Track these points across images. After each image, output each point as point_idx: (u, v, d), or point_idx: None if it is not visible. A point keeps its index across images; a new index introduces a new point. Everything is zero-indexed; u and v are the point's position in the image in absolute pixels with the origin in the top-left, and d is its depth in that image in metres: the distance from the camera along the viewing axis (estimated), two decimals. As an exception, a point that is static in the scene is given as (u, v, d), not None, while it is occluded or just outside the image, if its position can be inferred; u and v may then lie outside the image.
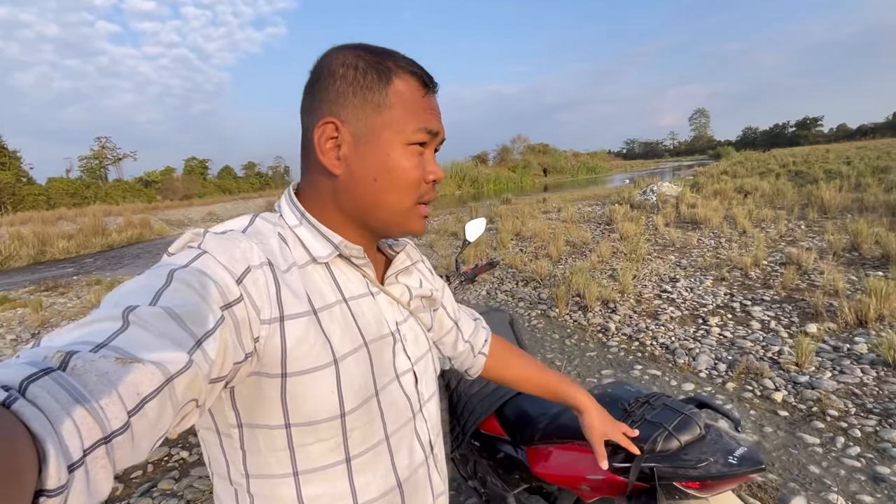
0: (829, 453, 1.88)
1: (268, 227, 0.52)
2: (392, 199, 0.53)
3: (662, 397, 0.95)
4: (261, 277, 0.46)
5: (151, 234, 15.42)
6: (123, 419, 0.30)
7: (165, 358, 0.34)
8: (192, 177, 50.77)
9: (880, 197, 7.32)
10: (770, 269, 4.40)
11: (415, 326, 0.62)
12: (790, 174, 13.25)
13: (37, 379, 0.27)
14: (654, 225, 7.37)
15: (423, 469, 0.60)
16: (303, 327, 0.48)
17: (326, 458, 0.51)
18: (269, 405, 0.48)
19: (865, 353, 2.62)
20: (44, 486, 0.24)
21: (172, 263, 0.43)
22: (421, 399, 0.61)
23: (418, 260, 0.67)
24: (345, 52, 0.53)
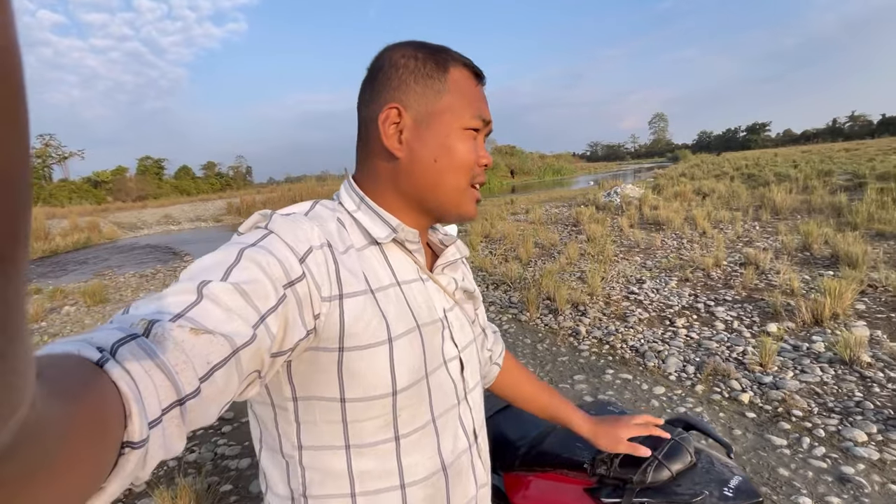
0: (797, 454, 1.91)
1: (327, 212, 0.55)
2: (450, 179, 0.56)
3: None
4: (321, 257, 0.48)
5: (100, 237, 14.50)
6: (195, 385, 0.34)
7: (233, 330, 0.38)
8: (147, 177, 48.29)
9: (826, 199, 7.76)
10: (730, 270, 4.54)
11: (461, 316, 0.64)
12: (743, 177, 13.91)
13: (125, 343, 0.31)
14: (619, 226, 7.52)
15: (467, 456, 0.61)
16: (360, 305, 0.50)
17: (377, 435, 0.53)
18: (326, 379, 0.50)
19: (823, 351, 2.71)
20: (130, 439, 0.27)
21: (242, 242, 0.46)
22: (466, 387, 0.62)
23: (465, 255, 0.70)
24: (403, 46, 0.57)
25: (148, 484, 2.01)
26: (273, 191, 28.37)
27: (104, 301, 5.86)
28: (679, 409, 2.32)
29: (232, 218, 20.14)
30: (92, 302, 5.71)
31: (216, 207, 23.82)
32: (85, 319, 5.10)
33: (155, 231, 17.18)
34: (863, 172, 10.76)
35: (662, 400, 2.42)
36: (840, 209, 6.89)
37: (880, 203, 6.71)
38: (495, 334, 0.85)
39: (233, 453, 2.26)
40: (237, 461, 2.19)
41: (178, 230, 17.17)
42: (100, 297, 5.85)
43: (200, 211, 22.82)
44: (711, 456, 0.80)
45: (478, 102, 0.58)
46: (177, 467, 2.09)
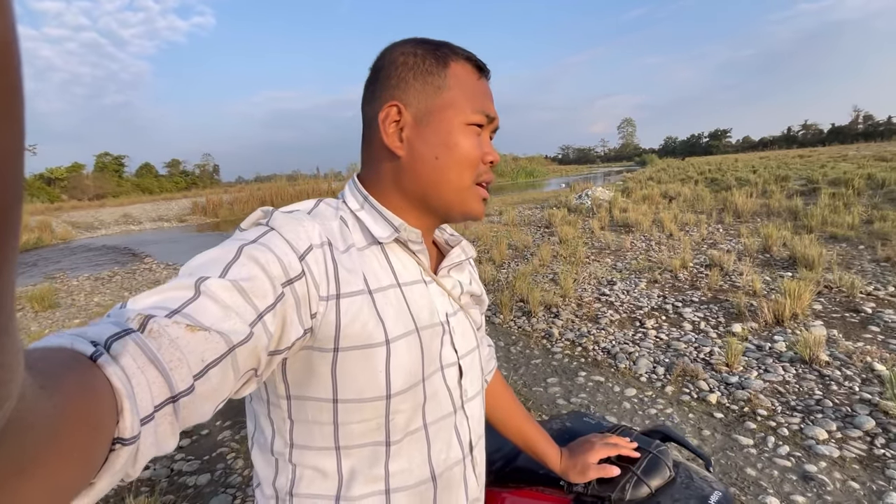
0: (763, 454, 1.94)
1: (330, 210, 0.55)
2: (453, 176, 0.55)
3: (625, 430, 0.86)
4: (320, 255, 0.48)
5: (53, 238, 13.69)
6: (189, 382, 0.33)
7: (229, 328, 0.37)
8: (105, 174, 46.02)
9: (783, 203, 8.12)
10: (696, 271, 4.67)
11: (464, 321, 0.62)
12: (707, 181, 14.43)
13: (119, 338, 0.31)
14: (590, 228, 7.64)
15: (460, 468, 0.59)
16: (357, 305, 0.50)
17: (366, 438, 0.52)
18: (319, 378, 0.49)
19: (785, 351, 2.80)
20: (121, 435, 0.27)
21: (243, 238, 0.46)
22: (464, 395, 0.60)
23: (472, 256, 0.68)
24: (404, 44, 0.56)
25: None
26: (241, 190, 27.53)
27: (54, 306, 5.50)
28: (650, 410, 2.34)
29: (197, 218, 19.41)
30: (40, 307, 5.35)
31: (181, 207, 22.89)
32: (31, 326, 4.76)
33: (113, 231, 16.35)
34: (816, 178, 11.33)
35: (634, 402, 2.43)
36: (796, 213, 7.21)
37: (833, 207, 7.07)
38: (490, 348, 0.82)
39: (191, 469, 2.13)
40: (195, 477, 2.06)
41: (138, 230, 16.40)
42: (49, 301, 5.49)
43: (163, 210, 21.88)
44: (690, 470, 0.78)
45: (481, 97, 0.56)
46: (127, 486, 1.94)
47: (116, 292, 6.23)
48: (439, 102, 0.54)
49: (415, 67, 0.54)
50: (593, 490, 0.76)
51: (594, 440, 0.81)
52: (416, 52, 0.55)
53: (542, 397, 2.58)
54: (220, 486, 2.02)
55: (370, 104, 0.57)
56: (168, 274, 7.34)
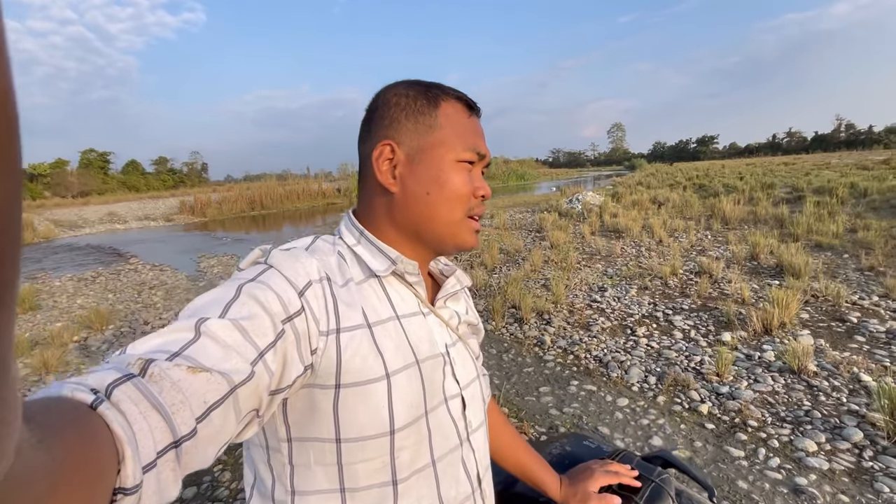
0: (754, 466, 1.95)
1: (327, 246, 0.56)
2: (444, 211, 0.57)
3: (626, 456, 0.85)
4: (319, 291, 0.49)
5: (34, 236, 13.38)
6: (192, 425, 0.33)
7: (230, 368, 0.37)
8: (90, 171, 45.15)
9: (770, 210, 8.25)
10: (686, 278, 4.71)
11: (463, 351, 0.63)
12: (695, 187, 14.62)
13: (120, 384, 0.30)
14: (581, 233, 7.68)
15: (470, 503, 0.58)
16: (357, 340, 0.50)
17: (373, 478, 0.51)
18: (321, 417, 0.49)
19: (773, 360, 2.83)
20: (123, 485, 0.27)
21: (242, 278, 0.47)
22: (469, 427, 0.60)
23: (467, 285, 0.68)
24: (397, 86, 0.59)
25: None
26: (230, 189, 27.18)
27: (35, 308, 5.36)
28: (642, 420, 2.34)
29: (185, 217, 19.13)
30: (21, 309, 5.20)
31: (168, 206, 22.53)
32: (11, 329, 4.63)
33: (98, 230, 16.03)
34: (801, 186, 11.55)
35: (626, 412, 2.43)
36: (783, 220, 7.33)
37: (818, 216, 7.20)
38: (485, 377, 0.81)
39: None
40: (182, 490, 2.01)
41: (124, 229, 16.11)
42: (30, 303, 5.35)
43: (150, 209, 21.51)
44: (693, 500, 0.77)
45: (472, 136, 0.58)
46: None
47: (100, 294, 6.10)
48: (431, 141, 0.56)
49: (406, 108, 0.57)
50: (595, 520, 0.74)
51: (594, 467, 0.80)
52: (408, 93, 0.57)
53: (534, 407, 2.57)
54: (206, 500, 1.97)
55: (365, 143, 0.59)
56: (154, 275, 7.21)
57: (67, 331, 4.28)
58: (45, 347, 3.88)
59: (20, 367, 3.54)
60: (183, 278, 6.86)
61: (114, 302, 5.62)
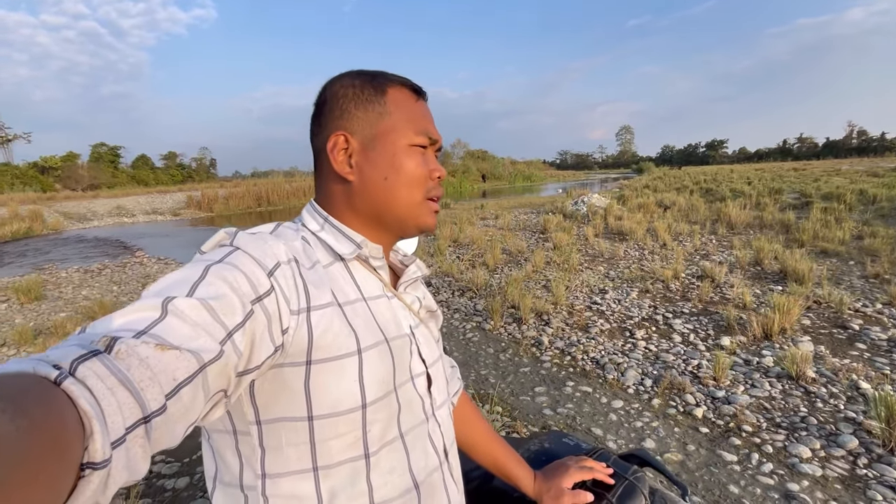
0: (746, 471, 1.94)
1: (291, 232, 0.56)
2: (403, 194, 0.58)
3: (603, 453, 0.85)
4: (288, 271, 0.49)
5: (44, 228, 13.54)
6: (161, 401, 0.33)
7: (199, 346, 0.37)
8: (101, 165, 45.58)
9: (776, 216, 8.17)
10: (688, 282, 4.68)
11: (426, 333, 0.65)
12: (702, 191, 14.52)
13: (85, 360, 0.30)
14: (584, 235, 7.65)
15: (438, 474, 0.60)
16: (328, 317, 0.50)
17: (345, 454, 0.51)
18: (292, 396, 0.49)
19: (772, 366, 2.81)
20: (92, 459, 0.26)
21: (207, 259, 0.46)
22: (434, 403, 0.62)
23: (425, 274, 0.70)
24: (342, 77, 0.60)
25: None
26: (237, 185, 27.33)
27: (40, 298, 5.44)
28: (636, 423, 2.33)
29: (191, 212, 19.28)
30: (26, 299, 5.28)
31: (175, 200, 22.71)
32: (16, 318, 4.70)
33: (106, 223, 16.19)
34: (809, 192, 11.43)
35: (620, 414, 2.43)
36: (789, 226, 7.27)
37: (824, 222, 7.13)
38: (453, 369, 0.82)
39: (170, 471, 2.10)
40: (174, 480, 2.03)
41: (131, 223, 16.27)
42: (36, 293, 5.42)
43: (158, 203, 21.70)
44: (667, 498, 0.77)
45: (422, 120, 0.60)
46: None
47: (105, 286, 6.16)
48: (382, 127, 0.58)
49: (355, 98, 0.58)
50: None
51: (569, 463, 0.80)
52: (354, 83, 0.58)
53: (528, 406, 2.57)
54: (198, 490, 1.99)
55: (317, 136, 0.60)
56: (159, 268, 7.28)
57: (71, 321, 4.33)
58: (48, 337, 3.93)
59: (23, 356, 3.60)
60: (187, 272, 6.91)
61: (118, 294, 5.68)
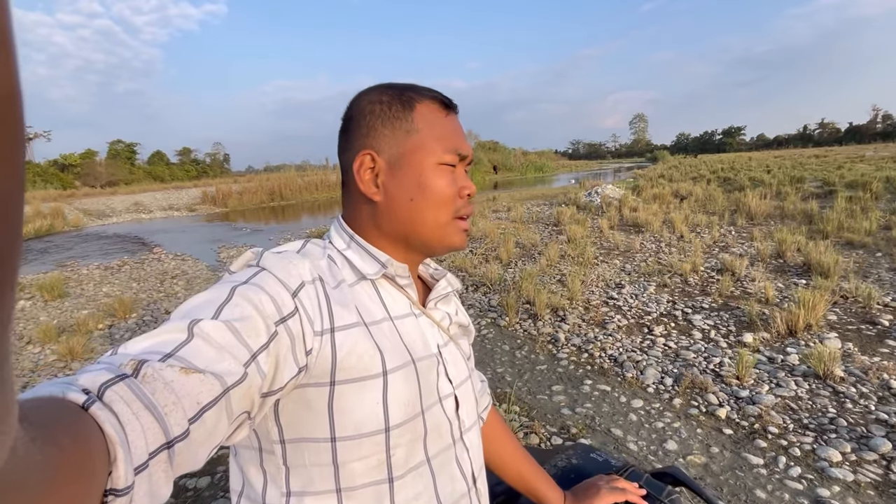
0: (773, 475, 1.89)
1: (318, 250, 0.56)
2: (429, 215, 0.56)
3: (634, 472, 0.82)
4: (312, 291, 0.48)
5: (65, 225, 13.83)
6: (184, 426, 0.33)
7: (223, 369, 0.37)
8: (118, 162, 46.44)
9: (798, 206, 7.95)
10: (707, 276, 4.58)
11: (455, 352, 0.62)
12: (719, 180, 14.20)
13: (113, 384, 0.30)
14: (599, 228, 7.54)
15: (466, 501, 0.58)
16: (353, 338, 0.49)
17: (368, 477, 0.50)
18: (315, 417, 0.48)
19: (797, 364, 2.73)
20: (114, 486, 0.26)
21: (234, 280, 0.46)
22: (462, 426, 0.60)
23: (458, 289, 0.68)
24: (370, 92, 0.58)
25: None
26: (251, 180, 27.60)
27: (63, 295, 5.55)
28: (657, 423, 2.29)
29: (207, 208, 19.53)
30: (49, 296, 5.40)
31: (190, 196, 23.03)
32: (40, 316, 4.81)
33: (124, 219, 16.50)
34: (832, 180, 11.09)
35: (640, 414, 2.38)
36: (812, 217, 7.06)
37: (849, 212, 6.90)
38: (483, 384, 0.80)
39: (192, 472, 2.12)
40: (196, 480, 2.06)
41: (149, 219, 16.54)
42: (59, 290, 5.54)
43: (174, 199, 22.03)
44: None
45: (452, 137, 0.57)
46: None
47: (125, 282, 6.28)
48: (409, 146, 0.56)
49: (382, 115, 0.56)
50: (600, 539, 0.72)
51: (601, 484, 0.77)
52: (381, 99, 0.56)
53: (546, 406, 2.54)
54: (219, 490, 2.01)
55: (345, 153, 0.58)
56: (176, 265, 7.38)
57: (93, 318, 4.42)
58: (72, 335, 4.02)
59: (47, 353, 3.68)
60: (204, 268, 7.00)
61: (137, 291, 5.78)
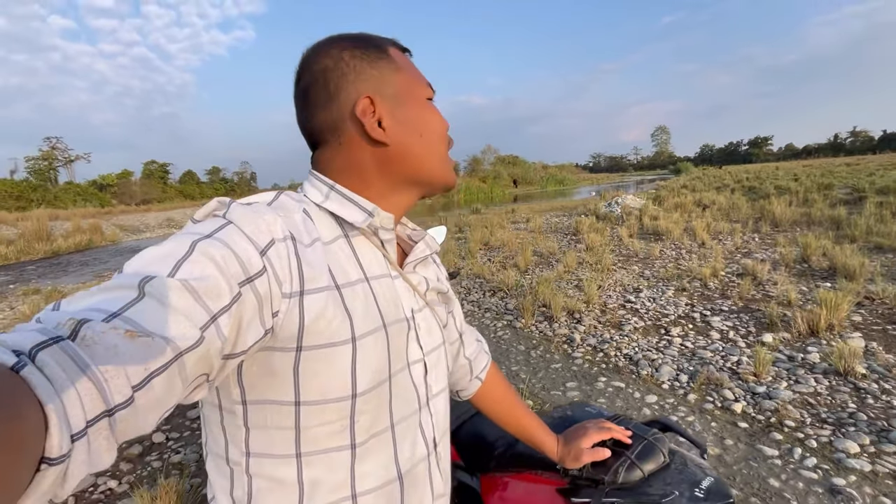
0: (788, 465, 1.88)
1: (292, 203, 0.52)
2: (436, 149, 0.57)
3: (624, 419, 0.88)
4: (283, 250, 0.45)
5: (103, 240, 14.54)
6: (127, 394, 0.30)
7: (176, 333, 0.34)
8: (152, 181, 48.65)
9: (826, 212, 7.74)
10: (728, 280, 4.52)
11: (429, 317, 0.61)
12: (744, 189, 13.91)
13: (46, 346, 0.28)
14: (618, 236, 7.51)
15: (424, 465, 0.58)
16: (322, 301, 0.47)
17: (330, 442, 0.50)
18: (280, 381, 0.47)
19: (818, 362, 2.69)
20: (48, 454, 0.25)
21: (197, 232, 0.43)
22: (429, 392, 0.60)
23: (436, 251, 0.66)
24: (334, 42, 0.55)
25: (130, 484, 1.99)
26: (275, 196, 28.35)
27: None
28: (671, 417, 2.29)
29: (233, 223, 20.16)
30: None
31: (218, 212, 23.80)
32: (81, 320, 5.09)
33: (157, 234, 17.24)
34: (862, 186, 10.75)
35: (654, 408, 2.39)
36: (839, 222, 6.87)
37: (879, 216, 6.69)
38: (479, 343, 0.83)
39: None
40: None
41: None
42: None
43: (203, 215, 22.81)
44: (685, 457, 0.79)
45: (421, 74, 0.60)
46: (160, 468, 2.07)
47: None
48: (401, 84, 0.55)
49: (364, 57, 0.54)
50: (588, 473, 0.78)
51: (588, 425, 0.83)
52: (354, 45, 0.55)
53: (560, 401, 2.57)
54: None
55: (328, 107, 0.54)
56: (205, 275, 7.68)
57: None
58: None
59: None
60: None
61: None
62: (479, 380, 0.81)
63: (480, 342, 0.84)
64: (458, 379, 0.80)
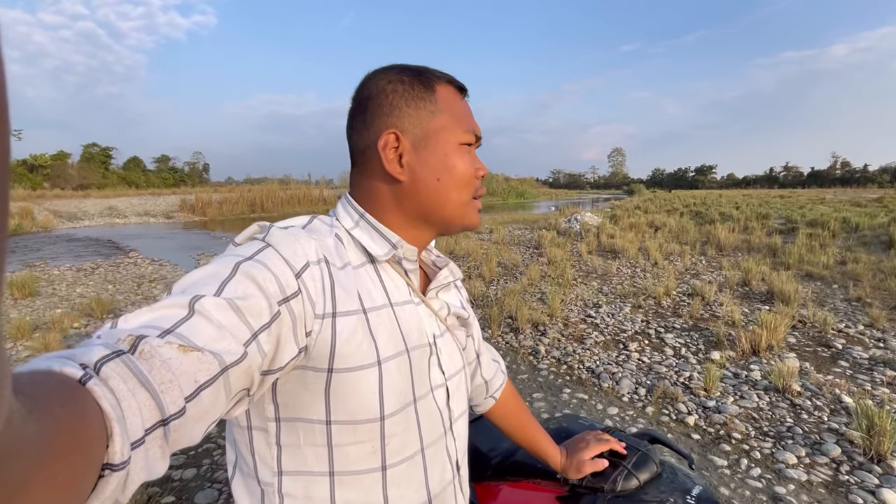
0: (736, 475, 2.03)
1: (324, 227, 0.55)
2: (454, 195, 0.58)
3: (616, 432, 0.94)
4: (317, 273, 0.48)
5: (34, 226, 13.38)
6: (180, 404, 0.33)
7: (223, 348, 0.37)
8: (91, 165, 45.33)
9: (763, 240, 8.42)
10: (679, 299, 4.82)
11: (450, 342, 0.63)
12: (692, 213, 14.86)
13: (109, 360, 0.30)
14: (578, 252, 7.81)
15: (451, 488, 0.61)
16: (352, 325, 0.49)
17: (363, 463, 0.51)
18: (312, 399, 0.49)
19: (760, 379, 2.92)
20: (111, 461, 0.27)
21: (239, 254, 0.46)
22: (452, 416, 0.62)
23: (459, 278, 0.68)
24: (387, 72, 0.58)
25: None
26: (231, 190, 27.32)
27: (34, 294, 5.40)
28: (632, 429, 2.42)
29: (185, 215, 19.19)
30: (20, 294, 5.24)
31: (168, 203, 22.59)
32: (11, 313, 4.66)
33: (97, 223, 16.05)
34: (795, 218, 11.78)
35: (616, 420, 2.51)
36: (775, 250, 7.49)
37: (809, 247, 7.37)
38: (496, 363, 0.86)
39: (177, 463, 2.13)
40: (181, 471, 2.07)
41: (123, 224, 16.14)
42: (30, 289, 5.38)
43: (150, 205, 21.56)
44: (675, 467, 0.86)
45: (468, 117, 0.60)
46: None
47: (100, 284, 6.13)
48: (434, 126, 0.56)
49: (405, 94, 0.56)
50: (588, 482, 0.83)
51: (589, 438, 0.88)
52: (402, 78, 0.56)
53: (527, 411, 2.64)
54: (205, 481, 2.02)
55: (361, 133, 0.57)
56: (153, 269, 7.26)
57: (68, 317, 4.32)
58: (46, 331, 3.92)
59: (20, 349, 3.59)
60: (182, 273, 6.90)
61: (114, 293, 5.66)
62: (494, 399, 0.85)
63: (497, 362, 0.86)
64: (474, 396, 0.84)
